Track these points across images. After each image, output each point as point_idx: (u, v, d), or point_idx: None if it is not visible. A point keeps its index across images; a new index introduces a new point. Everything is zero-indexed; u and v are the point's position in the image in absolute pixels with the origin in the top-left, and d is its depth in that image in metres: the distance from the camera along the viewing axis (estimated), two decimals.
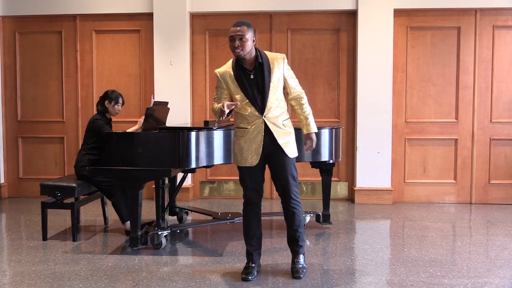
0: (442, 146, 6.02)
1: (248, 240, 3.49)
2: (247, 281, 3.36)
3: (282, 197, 3.45)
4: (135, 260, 3.84)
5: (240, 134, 3.39)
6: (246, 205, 3.48)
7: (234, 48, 3.26)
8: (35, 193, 5.96)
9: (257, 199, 3.46)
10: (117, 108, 4.61)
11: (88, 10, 6.19)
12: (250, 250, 3.48)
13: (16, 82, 6.37)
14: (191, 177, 6.24)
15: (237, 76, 3.34)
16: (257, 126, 3.33)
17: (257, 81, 3.32)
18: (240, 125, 3.40)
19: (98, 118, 4.51)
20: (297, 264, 3.48)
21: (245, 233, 3.51)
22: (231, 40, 3.28)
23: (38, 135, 6.38)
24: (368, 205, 5.84)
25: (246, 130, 3.36)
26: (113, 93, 4.62)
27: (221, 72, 3.41)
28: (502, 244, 4.30)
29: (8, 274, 3.58)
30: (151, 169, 3.94)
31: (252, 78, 3.33)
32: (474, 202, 6.02)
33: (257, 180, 3.42)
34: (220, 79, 3.40)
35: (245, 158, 3.37)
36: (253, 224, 3.47)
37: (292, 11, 6.04)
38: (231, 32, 3.28)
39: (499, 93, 5.95)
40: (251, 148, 3.35)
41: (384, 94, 5.86)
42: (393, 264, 3.80)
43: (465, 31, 5.92)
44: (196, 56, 6.20)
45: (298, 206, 3.45)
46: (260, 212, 3.51)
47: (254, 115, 3.34)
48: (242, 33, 3.25)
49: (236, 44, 3.25)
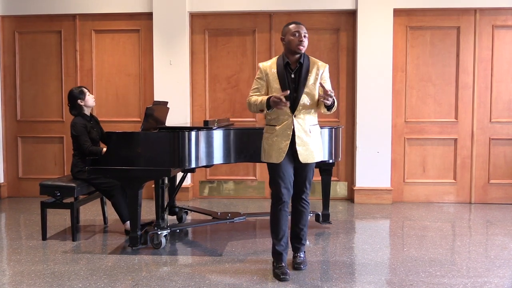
0: (442, 146, 6.02)
1: (277, 240, 3.49)
2: (287, 281, 3.36)
3: (293, 197, 3.54)
4: (134, 260, 3.84)
5: (271, 131, 3.46)
6: (276, 204, 3.47)
7: (300, 43, 3.38)
8: (34, 193, 5.96)
9: (288, 198, 3.48)
10: (91, 98, 4.57)
11: (87, 10, 6.18)
12: (280, 250, 3.49)
13: (15, 82, 6.37)
14: (191, 177, 6.24)
15: (280, 73, 3.43)
16: (286, 124, 3.41)
17: (295, 80, 3.43)
18: (271, 123, 3.48)
19: (76, 121, 4.45)
20: (298, 258, 3.61)
21: (274, 233, 3.50)
22: (295, 35, 3.39)
23: (38, 135, 6.38)
24: (368, 205, 5.85)
25: (275, 127, 3.44)
26: (75, 89, 4.56)
27: (265, 66, 3.50)
28: (501, 243, 4.30)
29: (7, 273, 3.58)
30: (150, 169, 3.94)
31: (292, 77, 3.44)
32: (474, 201, 6.02)
33: (289, 177, 3.46)
34: (263, 71, 3.48)
35: (277, 155, 3.42)
36: (284, 224, 3.49)
37: (292, 11, 6.04)
38: (296, 28, 3.41)
39: (499, 92, 5.95)
40: (281, 145, 3.41)
41: (383, 93, 5.86)
42: (393, 263, 3.80)
43: (464, 30, 5.92)
44: (196, 55, 6.20)
45: (308, 206, 3.60)
46: (288, 211, 3.53)
47: (286, 113, 3.41)
48: (305, 31, 3.43)
49: (302, 39, 3.38)
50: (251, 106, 3.48)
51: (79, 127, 4.42)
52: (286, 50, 3.48)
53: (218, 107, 6.23)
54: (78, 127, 4.42)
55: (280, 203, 3.46)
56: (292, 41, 3.40)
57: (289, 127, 3.41)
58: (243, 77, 6.18)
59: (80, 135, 4.39)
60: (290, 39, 3.41)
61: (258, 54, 6.13)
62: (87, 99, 4.55)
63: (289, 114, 3.41)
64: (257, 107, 3.41)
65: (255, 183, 6.26)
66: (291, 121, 3.41)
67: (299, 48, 3.40)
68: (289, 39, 3.41)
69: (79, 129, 4.41)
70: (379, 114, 5.87)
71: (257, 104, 3.40)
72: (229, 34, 6.18)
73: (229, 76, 6.20)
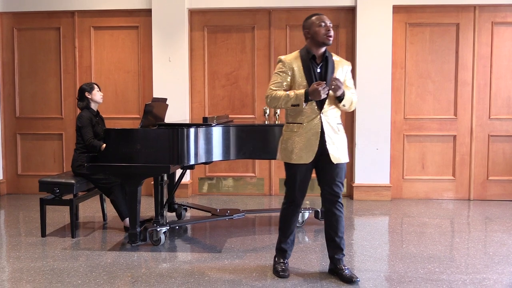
0: (441, 143, 6.02)
1: (284, 238, 3.45)
2: (286, 278, 3.34)
3: (327, 201, 3.34)
4: (134, 257, 3.85)
5: (295, 129, 3.26)
6: (290, 205, 3.40)
7: (327, 32, 3.19)
8: (33, 190, 5.97)
9: (301, 201, 3.41)
10: (98, 94, 4.60)
11: (86, 6, 6.17)
12: (285, 248, 3.46)
13: (14, 79, 6.36)
14: (190, 174, 6.24)
15: (306, 67, 3.24)
16: (313, 122, 3.22)
17: (321, 76, 3.26)
18: (297, 120, 3.26)
19: (83, 114, 4.50)
20: (346, 270, 3.33)
21: (282, 231, 3.45)
22: (322, 25, 3.19)
23: (37, 132, 6.38)
24: (367, 202, 5.85)
25: (301, 125, 3.24)
26: (86, 84, 4.62)
27: (288, 59, 3.29)
28: (500, 240, 4.31)
29: (7, 270, 3.58)
30: (149, 165, 3.94)
31: (318, 71, 3.26)
32: (473, 198, 6.03)
33: (307, 180, 3.34)
34: (287, 65, 3.27)
35: (299, 155, 3.23)
36: (293, 224, 3.44)
37: (291, 8, 6.03)
38: (321, 19, 3.22)
39: (498, 89, 5.95)
40: (306, 145, 3.23)
41: (382, 90, 5.86)
42: (392, 260, 3.80)
43: (464, 27, 5.92)
44: (195, 52, 6.19)
45: (343, 210, 3.38)
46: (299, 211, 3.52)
47: (312, 111, 3.22)
48: (330, 22, 3.24)
49: (330, 29, 3.20)
50: (277, 101, 3.24)
51: (84, 119, 4.45)
52: (310, 43, 3.26)
53: (217, 103, 6.23)
54: (83, 119, 4.45)
55: (293, 204, 3.39)
56: (318, 32, 3.19)
57: (317, 125, 3.21)
58: (242, 74, 6.18)
59: (84, 126, 4.42)
60: (315, 30, 3.20)
61: (257, 51, 6.13)
62: (94, 93, 4.57)
63: (316, 112, 3.22)
64: (290, 101, 3.19)
65: (254, 179, 6.26)
66: (319, 118, 3.22)
67: (327, 39, 3.19)
68: (315, 31, 3.20)
69: (84, 120, 4.44)
70: (378, 111, 5.87)
71: (290, 99, 3.18)
72: (228, 31, 6.17)
73: (228, 73, 6.19)
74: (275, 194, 6.21)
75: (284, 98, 3.22)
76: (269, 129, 4.40)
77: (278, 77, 3.29)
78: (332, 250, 3.38)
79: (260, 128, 4.42)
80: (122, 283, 3.30)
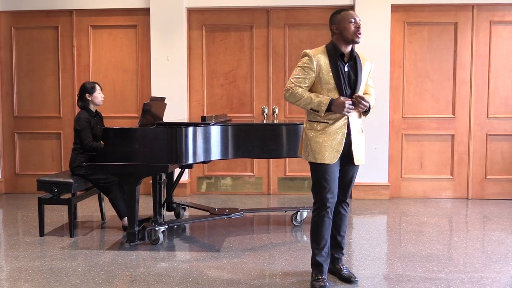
0: (439, 142, 6.03)
1: (318, 249, 3.17)
2: None
3: (337, 200, 3.22)
4: (132, 256, 3.84)
5: (321, 128, 3.11)
6: (321, 209, 3.13)
7: (357, 30, 3.06)
8: (32, 189, 5.97)
9: (333, 204, 3.17)
10: (99, 96, 4.57)
11: (84, 5, 6.16)
12: (321, 261, 3.16)
13: (12, 78, 6.34)
14: (188, 173, 6.24)
15: (333, 64, 3.08)
16: (340, 121, 3.09)
17: (349, 74, 3.12)
18: (324, 119, 3.10)
19: (81, 115, 4.46)
20: (345, 269, 3.32)
21: (316, 242, 3.17)
22: (352, 21, 3.07)
23: (35, 131, 6.37)
24: (365, 201, 5.86)
25: (327, 124, 3.10)
26: (88, 83, 4.58)
27: (316, 54, 3.10)
28: (498, 239, 4.32)
29: (5, 269, 3.58)
30: (148, 164, 3.94)
31: (346, 70, 3.12)
32: (471, 197, 6.04)
33: (336, 181, 3.14)
34: (314, 60, 3.08)
35: (325, 155, 3.09)
36: (326, 232, 3.16)
37: (289, 6, 6.03)
38: (351, 15, 3.09)
39: (496, 88, 5.95)
40: (332, 144, 3.09)
41: (381, 89, 5.83)
42: (390, 259, 3.81)
43: (462, 26, 5.92)
44: (193, 51, 6.19)
45: (348, 210, 3.35)
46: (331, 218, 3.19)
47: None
48: (360, 19, 3.11)
49: (360, 26, 3.07)
50: (297, 100, 3.10)
51: (82, 121, 4.42)
52: (338, 40, 3.11)
53: (215, 102, 6.23)
54: (81, 122, 4.41)
55: (324, 208, 3.12)
56: (347, 28, 3.05)
57: (344, 125, 3.09)
58: (241, 73, 6.18)
59: (83, 129, 4.39)
60: (345, 26, 3.06)
61: (256, 50, 6.12)
62: (96, 95, 4.54)
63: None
64: (311, 105, 3.05)
65: (252, 179, 6.26)
66: (347, 118, 3.10)
67: (357, 36, 3.06)
68: (344, 27, 3.06)
69: (82, 123, 4.41)
70: (377, 109, 5.80)
71: (313, 103, 3.04)
72: (227, 30, 6.17)
73: (227, 72, 6.19)
74: (273, 193, 6.21)
75: (305, 100, 3.07)
76: (267, 128, 4.40)
77: (301, 72, 3.11)
78: (332, 249, 3.32)
79: (259, 127, 4.42)
80: (121, 282, 3.30)
